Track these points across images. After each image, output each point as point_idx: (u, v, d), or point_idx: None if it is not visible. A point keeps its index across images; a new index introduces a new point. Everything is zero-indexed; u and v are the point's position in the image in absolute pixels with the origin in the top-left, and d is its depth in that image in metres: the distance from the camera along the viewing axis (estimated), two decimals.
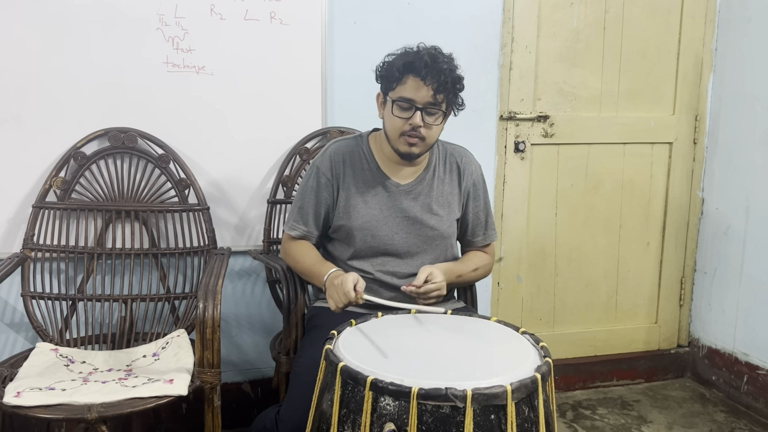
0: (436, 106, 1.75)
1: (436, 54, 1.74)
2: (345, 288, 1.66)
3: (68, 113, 2.17)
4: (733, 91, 2.84)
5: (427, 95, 1.72)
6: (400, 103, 1.75)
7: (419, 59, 1.71)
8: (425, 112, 1.74)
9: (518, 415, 1.26)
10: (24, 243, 2.12)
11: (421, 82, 1.71)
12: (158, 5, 2.20)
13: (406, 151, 1.80)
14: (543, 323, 2.92)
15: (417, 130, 1.75)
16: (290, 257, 1.96)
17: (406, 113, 1.75)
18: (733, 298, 2.85)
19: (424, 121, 1.75)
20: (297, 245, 1.94)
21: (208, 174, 2.33)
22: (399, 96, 1.75)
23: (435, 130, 1.79)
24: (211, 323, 1.75)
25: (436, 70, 1.70)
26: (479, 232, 1.99)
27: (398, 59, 1.75)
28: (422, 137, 1.77)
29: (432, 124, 1.76)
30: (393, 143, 1.82)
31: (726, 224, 2.89)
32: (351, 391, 1.31)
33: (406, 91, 1.74)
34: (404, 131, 1.76)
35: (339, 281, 1.69)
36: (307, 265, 1.89)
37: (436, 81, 1.71)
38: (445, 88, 1.73)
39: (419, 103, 1.73)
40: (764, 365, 2.71)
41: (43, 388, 1.72)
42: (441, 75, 1.71)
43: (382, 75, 1.80)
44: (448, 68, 1.73)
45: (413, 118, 1.74)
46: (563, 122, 2.78)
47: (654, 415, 2.73)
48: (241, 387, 2.52)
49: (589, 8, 2.74)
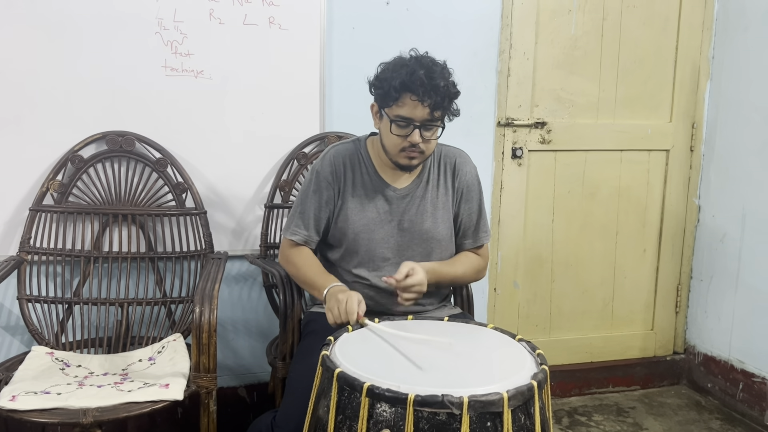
0: (433, 122, 1.74)
1: (431, 68, 1.71)
2: (349, 307, 1.62)
3: (66, 116, 2.17)
4: (729, 99, 2.86)
5: (425, 113, 1.71)
6: (398, 122, 1.74)
7: (415, 78, 1.68)
8: (423, 128, 1.74)
9: (514, 423, 1.26)
10: (20, 246, 2.11)
11: (419, 102, 1.70)
12: (157, 9, 2.20)
13: (406, 164, 1.81)
14: (539, 329, 2.92)
15: (416, 146, 1.75)
16: (291, 264, 1.92)
17: (405, 131, 1.74)
18: (729, 306, 2.86)
19: (422, 137, 1.75)
20: (298, 253, 1.90)
21: (206, 178, 2.33)
22: (396, 115, 1.73)
23: (433, 142, 1.79)
24: (207, 328, 1.75)
25: (433, 88, 1.69)
26: (470, 234, 1.99)
27: (394, 76, 1.71)
28: (421, 151, 1.77)
29: (430, 138, 1.77)
30: (392, 158, 1.81)
31: (722, 232, 2.89)
32: (347, 397, 1.30)
33: (403, 110, 1.72)
34: (404, 147, 1.77)
35: (344, 297, 1.65)
36: (310, 275, 1.85)
37: (433, 99, 1.69)
38: (442, 105, 1.72)
39: (417, 121, 1.72)
40: (760, 373, 2.71)
41: (39, 392, 1.72)
42: (438, 92, 1.69)
43: (378, 91, 1.78)
44: (444, 84, 1.71)
45: (412, 136, 1.74)
46: (560, 129, 2.79)
47: (649, 422, 2.73)
48: (237, 392, 2.52)
49: (587, 16, 2.75)
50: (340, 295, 1.66)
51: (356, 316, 1.60)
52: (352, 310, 1.61)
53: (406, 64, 1.73)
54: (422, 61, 1.73)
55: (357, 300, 1.64)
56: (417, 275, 1.72)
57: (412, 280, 1.71)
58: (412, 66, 1.71)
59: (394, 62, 1.76)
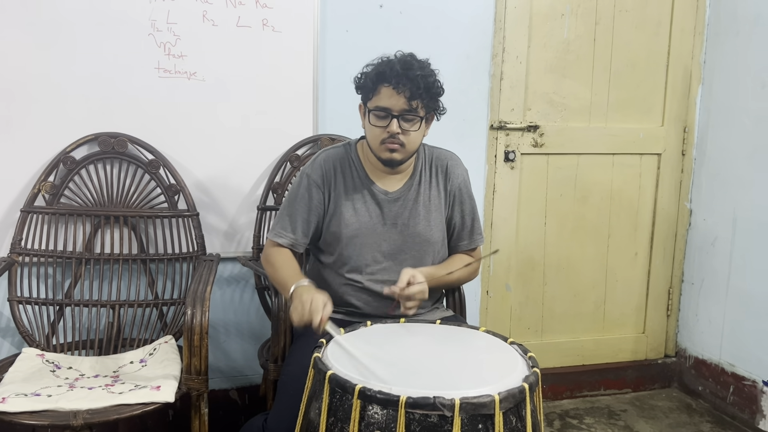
0: (412, 113, 1.76)
1: (409, 61, 1.76)
2: (314, 307, 1.56)
3: (58, 117, 2.16)
4: (721, 103, 2.87)
5: (402, 102, 1.74)
6: (376, 112, 1.77)
7: (391, 68, 1.73)
8: (402, 119, 1.76)
9: (506, 425, 1.26)
10: (11, 247, 2.10)
11: (394, 90, 1.73)
12: (150, 11, 2.20)
13: (387, 157, 1.81)
14: (531, 332, 2.93)
15: (396, 137, 1.77)
16: (269, 265, 1.88)
17: (383, 121, 1.77)
18: (719, 309, 2.87)
19: (401, 127, 1.76)
20: (279, 253, 1.88)
21: (198, 180, 2.32)
22: (375, 105, 1.77)
23: (414, 136, 1.79)
24: (198, 330, 1.75)
25: (408, 78, 1.72)
26: (465, 236, 1.99)
27: (372, 70, 1.78)
28: (402, 143, 1.78)
29: (410, 130, 1.77)
30: (375, 151, 1.83)
31: (713, 236, 2.91)
32: (339, 399, 1.30)
33: (381, 100, 1.76)
34: (383, 139, 1.78)
35: (308, 297, 1.59)
36: (284, 275, 1.80)
37: (408, 88, 1.72)
38: (419, 94, 1.73)
39: (395, 111, 1.75)
40: (750, 376, 2.73)
41: (29, 393, 1.71)
42: (413, 82, 1.72)
43: (359, 86, 1.83)
44: (421, 74, 1.73)
45: (390, 126, 1.76)
46: (553, 132, 2.80)
47: (641, 425, 2.74)
48: (229, 394, 2.51)
49: (580, 20, 2.76)
50: (305, 296, 1.60)
51: (320, 319, 1.54)
52: (316, 310, 1.56)
53: (387, 59, 1.78)
54: (402, 56, 1.78)
55: (322, 302, 1.58)
56: (418, 281, 1.72)
57: (415, 289, 1.71)
58: (390, 60, 1.77)
59: (377, 61, 1.81)
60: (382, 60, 1.79)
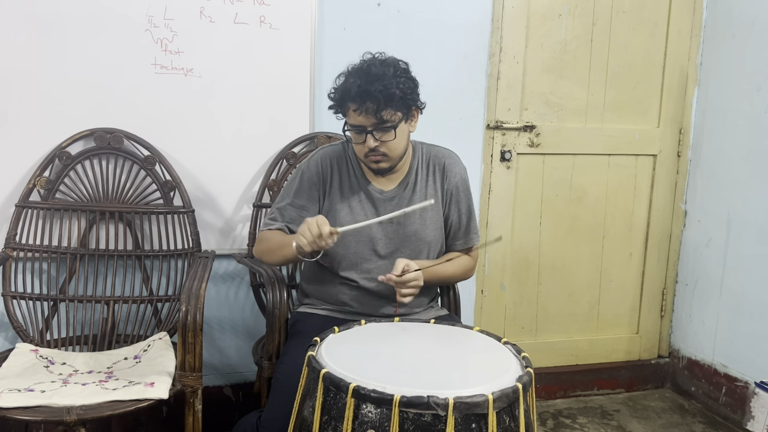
0: (384, 123, 1.74)
1: (371, 72, 1.71)
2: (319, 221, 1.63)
3: (54, 112, 2.16)
4: (716, 105, 2.88)
5: (371, 118, 1.73)
6: (351, 130, 1.78)
7: (350, 89, 1.71)
8: (376, 131, 1.75)
9: (499, 425, 1.27)
10: (6, 242, 2.10)
11: (360, 108, 1.72)
12: (147, 6, 2.19)
13: (375, 168, 1.84)
14: (525, 332, 2.94)
15: (375, 150, 1.77)
16: (261, 242, 1.90)
17: (360, 137, 1.77)
18: (713, 311, 2.88)
19: (379, 139, 1.76)
20: (270, 232, 1.89)
21: (194, 176, 2.32)
22: (350, 124, 1.78)
23: (395, 143, 1.78)
24: (193, 327, 1.74)
25: (369, 93, 1.69)
26: (460, 235, 1.99)
27: (339, 88, 1.77)
28: (383, 153, 1.78)
29: (387, 140, 1.77)
30: (363, 163, 1.86)
31: (708, 237, 2.92)
32: (333, 397, 1.31)
33: (351, 118, 1.77)
34: (365, 153, 1.79)
35: (314, 221, 1.65)
36: (278, 240, 1.83)
37: (373, 103, 1.70)
38: (385, 105, 1.71)
39: (368, 126, 1.75)
40: (742, 377, 2.74)
41: (22, 389, 1.71)
42: (372, 98, 1.69)
43: (332, 105, 1.82)
44: (380, 87, 1.69)
45: (367, 141, 1.76)
46: (549, 133, 2.80)
47: (633, 425, 2.75)
48: (223, 391, 2.51)
49: (577, 20, 2.77)
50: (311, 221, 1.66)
51: (327, 228, 1.63)
52: (323, 223, 1.63)
53: (352, 69, 1.76)
54: (361, 69, 1.74)
55: (323, 218, 1.66)
56: (413, 269, 1.75)
57: (409, 276, 1.73)
58: (349, 77, 1.74)
59: (344, 75, 1.78)
60: (349, 71, 1.76)
